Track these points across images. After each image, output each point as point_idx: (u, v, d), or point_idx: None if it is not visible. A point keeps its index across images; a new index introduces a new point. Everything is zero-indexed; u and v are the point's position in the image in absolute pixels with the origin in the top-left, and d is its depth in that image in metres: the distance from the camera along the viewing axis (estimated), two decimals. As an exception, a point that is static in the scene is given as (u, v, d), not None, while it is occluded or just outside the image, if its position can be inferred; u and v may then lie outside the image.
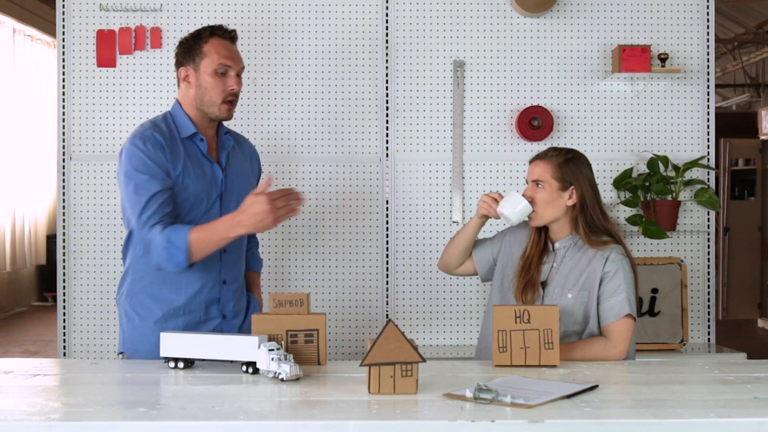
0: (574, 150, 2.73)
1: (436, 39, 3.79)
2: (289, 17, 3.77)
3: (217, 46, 2.66)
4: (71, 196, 3.71)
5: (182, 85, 2.70)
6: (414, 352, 2.00)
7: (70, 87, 3.73)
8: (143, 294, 2.63)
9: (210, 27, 2.70)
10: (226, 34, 2.70)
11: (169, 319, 2.62)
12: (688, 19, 3.82)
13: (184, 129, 2.66)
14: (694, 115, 3.82)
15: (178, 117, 2.68)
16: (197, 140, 2.67)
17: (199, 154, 2.66)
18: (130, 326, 2.65)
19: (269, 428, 1.78)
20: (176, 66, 2.73)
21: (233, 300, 2.72)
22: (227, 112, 2.68)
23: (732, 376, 2.24)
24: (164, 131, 2.63)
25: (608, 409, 1.92)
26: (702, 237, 3.83)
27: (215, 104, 2.65)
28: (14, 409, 1.88)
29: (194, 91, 2.66)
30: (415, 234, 3.77)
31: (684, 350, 3.72)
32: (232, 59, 2.67)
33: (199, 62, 2.65)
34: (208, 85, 2.64)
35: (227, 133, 2.77)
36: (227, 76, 2.66)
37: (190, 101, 2.68)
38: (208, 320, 2.67)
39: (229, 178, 2.71)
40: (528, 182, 2.72)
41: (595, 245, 2.64)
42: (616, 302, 2.57)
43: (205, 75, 2.64)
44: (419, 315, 3.77)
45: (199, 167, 2.64)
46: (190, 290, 2.63)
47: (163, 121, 2.67)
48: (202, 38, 2.67)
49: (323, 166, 3.77)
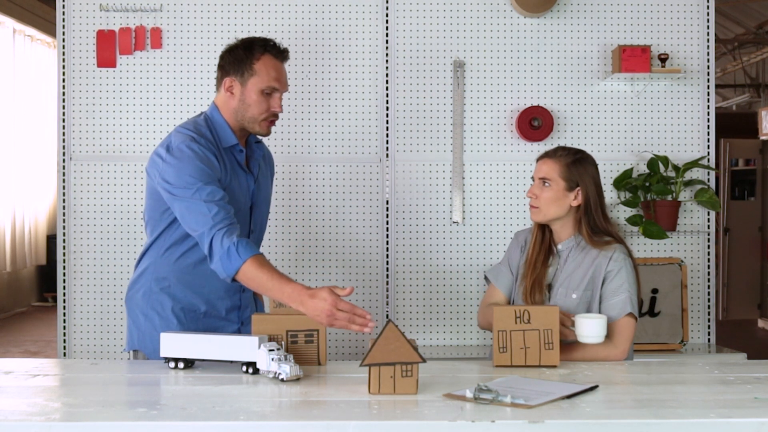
0: (582, 151, 2.73)
1: (436, 39, 3.79)
2: (289, 17, 3.77)
3: (269, 66, 2.59)
4: (71, 196, 3.71)
5: (225, 93, 2.62)
6: (414, 353, 2.00)
7: (70, 87, 3.73)
8: (164, 294, 2.60)
9: (263, 41, 2.62)
10: (280, 54, 2.63)
11: (190, 321, 2.60)
12: (688, 19, 3.82)
13: (226, 138, 2.61)
14: (694, 115, 3.82)
15: (219, 125, 2.62)
16: (236, 151, 2.63)
17: (236, 165, 2.62)
18: (148, 325, 2.61)
19: (269, 428, 1.78)
20: (220, 72, 2.65)
21: (250, 306, 2.73)
22: (267, 129, 2.64)
23: (732, 376, 2.24)
24: (210, 140, 2.56)
25: (608, 409, 1.92)
26: (702, 237, 3.83)
27: (256, 121, 2.61)
28: (14, 409, 1.89)
29: (236, 105, 2.60)
30: (415, 234, 3.77)
31: (684, 350, 3.72)
32: (280, 82, 2.61)
33: (248, 78, 2.58)
34: (252, 103, 2.59)
35: (257, 143, 2.73)
36: (272, 97, 2.60)
37: (231, 111, 2.62)
38: (227, 326, 2.66)
39: (257, 189, 2.70)
40: (534, 179, 2.72)
41: (598, 245, 2.64)
42: (618, 301, 2.57)
43: (252, 92, 2.58)
44: (419, 315, 3.77)
45: (236, 178, 2.61)
46: (213, 296, 2.62)
47: (207, 128, 2.59)
48: (254, 53, 2.59)
49: (323, 166, 3.77)
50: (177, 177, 2.44)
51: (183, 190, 2.42)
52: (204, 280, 2.59)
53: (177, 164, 2.45)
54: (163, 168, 2.47)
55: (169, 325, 2.58)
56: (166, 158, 2.48)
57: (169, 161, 2.47)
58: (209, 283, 2.59)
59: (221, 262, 2.34)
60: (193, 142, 2.49)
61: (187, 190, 2.41)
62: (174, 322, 2.59)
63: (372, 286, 3.76)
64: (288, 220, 3.75)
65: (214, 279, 2.51)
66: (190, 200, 2.41)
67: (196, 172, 2.43)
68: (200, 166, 2.45)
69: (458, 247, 3.78)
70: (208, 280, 2.57)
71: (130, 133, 3.71)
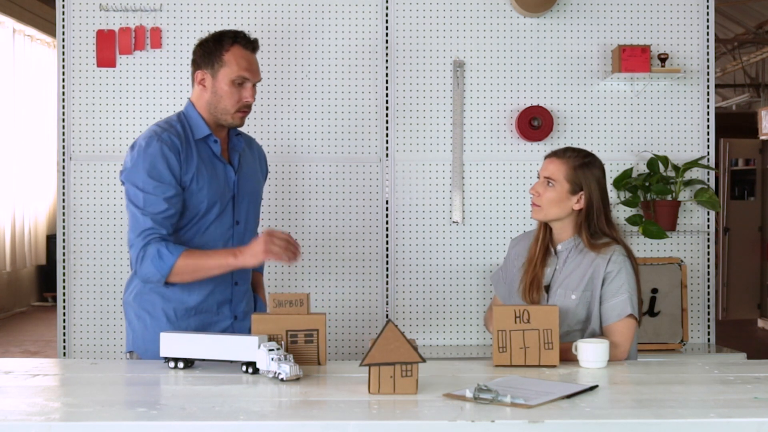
0: (592, 154, 2.72)
1: (436, 39, 3.79)
2: (289, 18, 3.77)
3: (238, 56, 2.62)
4: (71, 196, 3.71)
5: (197, 87, 2.67)
6: (414, 352, 2.00)
7: (70, 87, 3.73)
8: (154, 294, 2.61)
9: (233, 33, 2.65)
10: (249, 44, 2.66)
11: (181, 319, 2.61)
12: (688, 19, 3.82)
13: (199, 130, 2.64)
14: (694, 115, 3.82)
15: (192, 118, 2.66)
16: (211, 142, 2.65)
17: (212, 156, 2.65)
18: (141, 326, 2.63)
19: (269, 428, 1.78)
20: (193, 66, 2.69)
21: (244, 301, 2.73)
22: (240, 121, 2.67)
23: (732, 376, 2.25)
24: (180, 133, 2.60)
25: (608, 409, 1.92)
26: (702, 237, 3.83)
27: (228, 113, 2.64)
28: (14, 409, 1.89)
29: (209, 97, 2.64)
30: (415, 234, 3.77)
31: (684, 350, 3.72)
32: (251, 71, 2.64)
33: (218, 69, 2.62)
34: (224, 94, 2.62)
35: (238, 135, 2.76)
36: (244, 87, 2.63)
37: (204, 104, 2.66)
38: (220, 321, 2.66)
39: (241, 180, 2.70)
40: (539, 176, 2.71)
41: (597, 248, 2.63)
42: (618, 302, 2.56)
43: (222, 84, 2.62)
44: (419, 315, 3.78)
45: (212, 169, 2.63)
46: (203, 291, 2.62)
47: (178, 122, 2.65)
48: (223, 45, 2.62)
49: (323, 166, 3.77)
50: (130, 177, 2.56)
51: (133, 194, 2.54)
52: None
53: (134, 164, 2.55)
54: (125, 164, 2.59)
55: (160, 325, 2.60)
56: (128, 156, 2.59)
57: (129, 159, 2.58)
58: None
59: (153, 264, 2.47)
60: (153, 140, 2.56)
61: (136, 195, 2.53)
62: (164, 320, 2.61)
63: (372, 286, 3.76)
64: (288, 220, 3.75)
65: None
66: (135, 208, 2.53)
67: (147, 178, 2.52)
68: (155, 168, 2.53)
69: (458, 247, 3.78)
70: None
71: (130, 133, 3.71)
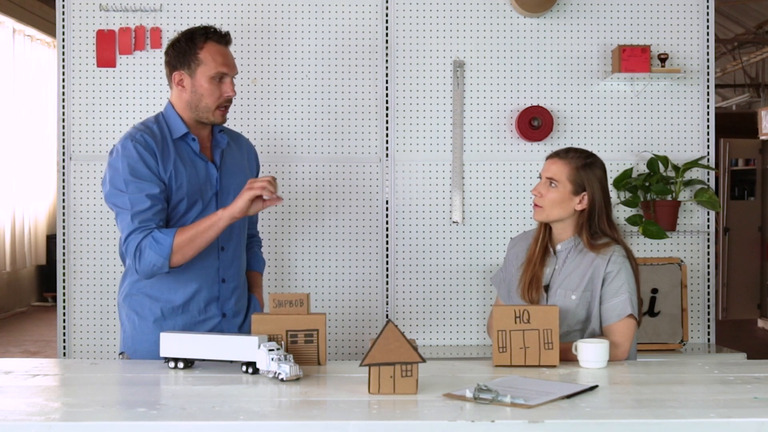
0: (594, 155, 2.72)
1: (436, 39, 3.79)
2: (289, 17, 3.77)
3: (213, 52, 2.64)
4: (71, 196, 3.71)
5: (176, 88, 2.68)
6: (414, 352, 2.00)
7: (70, 87, 3.73)
8: (141, 294, 2.64)
9: (204, 30, 2.67)
10: (222, 38, 2.68)
11: (168, 318, 2.63)
12: (688, 19, 3.82)
13: (176, 130, 2.66)
14: (694, 115, 3.82)
15: (170, 117, 2.68)
16: (189, 140, 2.67)
17: (191, 154, 2.66)
18: (130, 326, 2.66)
19: (269, 428, 1.78)
20: (168, 68, 2.70)
21: (233, 298, 2.73)
22: (222, 117, 2.69)
23: (732, 376, 2.25)
24: (156, 133, 2.62)
25: (608, 409, 1.92)
26: (702, 237, 3.83)
27: (210, 110, 2.66)
28: (14, 409, 1.89)
29: (189, 96, 2.65)
30: (415, 234, 3.77)
31: (684, 350, 3.72)
32: (228, 66, 2.66)
33: (195, 68, 2.63)
34: (204, 92, 2.64)
35: (221, 132, 2.77)
36: (223, 83, 2.65)
37: (184, 105, 2.67)
38: (208, 319, 2.67)
39: (224, 176, 2.71)
40: (541, 177, 2.71)
41: (596, 248, 2.63)
42: (618, 302, 2.56)
43: (202, 81, 2.63)
44: (419, 315, 3.77)
45: (192, 167, 2.65)
46: (189, 289, 2.64)
47: (155, 123, 2.66)
48: (196, 43, 2.64)
49: (323, 166, 3.77)
50: (113, 181, 2.57)
51: (120, 200, 2.55)
52: (178, 275, 2.61)
53: (114, 168, 2.57)
54: (104, 174, 2.62)
55: (148, 325, 2.62)
56: (107, 162, 2.61)
57: (108, 165, 2.61)
58: (183, 274, 2.62)
59: (152, 251, 2.49)
60: (128, 142, 2.58)
61: (122, 198, 2.54)
62: (151, 320, 2.63)
63: (372, 286, 3.76)
64: (288, 220, 3.75)
65: (189, 273, 2.60)
66: (122, 210, 2.54)
67: (129, 178, 2.54)
68: (134, 168, 2.54)
69: (458, 247, 3.78)
70: (182, 274, 2.61)
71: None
